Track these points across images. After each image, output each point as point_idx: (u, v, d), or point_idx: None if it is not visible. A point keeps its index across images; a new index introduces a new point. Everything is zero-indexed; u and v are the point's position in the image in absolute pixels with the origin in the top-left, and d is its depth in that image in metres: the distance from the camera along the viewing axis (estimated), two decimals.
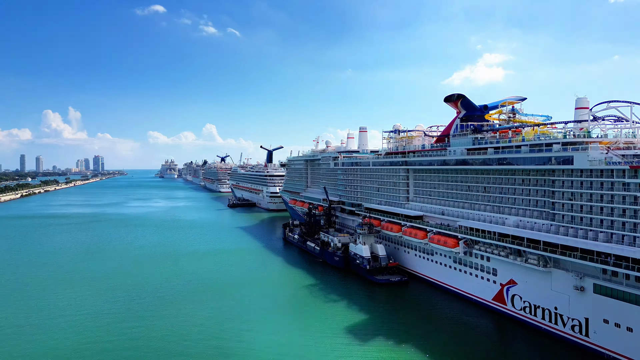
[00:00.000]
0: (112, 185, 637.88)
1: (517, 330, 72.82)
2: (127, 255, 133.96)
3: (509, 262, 74.82)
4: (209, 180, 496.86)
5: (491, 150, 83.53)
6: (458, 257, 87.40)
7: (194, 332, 71.15)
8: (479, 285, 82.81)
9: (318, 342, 67.38)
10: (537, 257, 68.95)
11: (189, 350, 64.42)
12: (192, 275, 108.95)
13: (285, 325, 75.11)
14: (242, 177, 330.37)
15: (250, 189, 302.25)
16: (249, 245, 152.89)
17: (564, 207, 68.61)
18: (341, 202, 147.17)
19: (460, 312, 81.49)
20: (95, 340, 68.31)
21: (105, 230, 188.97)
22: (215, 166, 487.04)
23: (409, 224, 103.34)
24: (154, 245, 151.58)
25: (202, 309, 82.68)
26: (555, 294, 66.85)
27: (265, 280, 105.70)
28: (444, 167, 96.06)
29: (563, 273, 65.37)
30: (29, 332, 72.11)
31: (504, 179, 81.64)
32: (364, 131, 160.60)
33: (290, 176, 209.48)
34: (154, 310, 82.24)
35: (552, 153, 69.72)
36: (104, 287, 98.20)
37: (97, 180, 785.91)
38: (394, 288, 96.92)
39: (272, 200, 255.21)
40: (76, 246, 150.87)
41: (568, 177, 67.73)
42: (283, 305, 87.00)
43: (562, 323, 66.09)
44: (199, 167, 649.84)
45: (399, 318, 79.21)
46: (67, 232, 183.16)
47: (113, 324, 75.01)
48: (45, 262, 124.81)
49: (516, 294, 74.36)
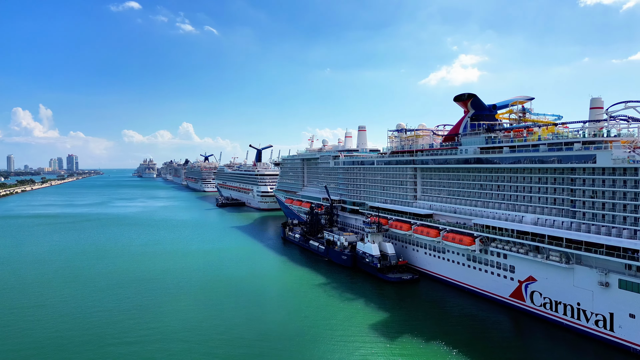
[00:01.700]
0: (90, 184, 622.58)
1: (537, 325, 73.79)
2: (139, 253, 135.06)
3: (528, 259, 75.87)
4: (192, 179, 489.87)
5: (506, 149, 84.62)
6: (472, 255, 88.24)
7: (214, 332, 69.98)
8: (495, 282, 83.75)
9: (344, 341, 67.03)
10: (560, 254, 70.12)
11: (214, 351, 63.29)
12: (203, 271, 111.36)
13: (310, 328, 74.46)
14: (230, 177, 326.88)
15: (239, 189, 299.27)
16: (249, 244, 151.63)
17: (585, 205, 70.02)
18: (342, 201, 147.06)
19: (477, 308, 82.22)
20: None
21: (101, 229, 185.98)
22: (198, 165, 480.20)
23: (419, 222, 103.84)
24: (156, 243, 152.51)
25: (221, 307, 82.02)
26: (578, 290, 68.08)
27: (276, 279, 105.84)
28: (456, 165, 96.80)
29: (587, 269, 66.63)
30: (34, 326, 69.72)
31: (519, 177, 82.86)
32: (363, 130, 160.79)
33: (285, 175, 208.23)
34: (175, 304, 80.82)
35: (573, 152, 71.01)
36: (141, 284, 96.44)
37: (74, 180, 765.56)
38: (406, 286, 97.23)
39: (263, 200, 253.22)
40: (77, 246, 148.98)
41: (590, 176, 69.07)
42: (302, 307, 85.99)
43: (585, 318, 67.38)
44: (180, 166, 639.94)
45: (417, 315, 79.38)
46: (62, 232, 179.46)
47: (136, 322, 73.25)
48: (48, 260, 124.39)
49: (536, 290, 75.44)
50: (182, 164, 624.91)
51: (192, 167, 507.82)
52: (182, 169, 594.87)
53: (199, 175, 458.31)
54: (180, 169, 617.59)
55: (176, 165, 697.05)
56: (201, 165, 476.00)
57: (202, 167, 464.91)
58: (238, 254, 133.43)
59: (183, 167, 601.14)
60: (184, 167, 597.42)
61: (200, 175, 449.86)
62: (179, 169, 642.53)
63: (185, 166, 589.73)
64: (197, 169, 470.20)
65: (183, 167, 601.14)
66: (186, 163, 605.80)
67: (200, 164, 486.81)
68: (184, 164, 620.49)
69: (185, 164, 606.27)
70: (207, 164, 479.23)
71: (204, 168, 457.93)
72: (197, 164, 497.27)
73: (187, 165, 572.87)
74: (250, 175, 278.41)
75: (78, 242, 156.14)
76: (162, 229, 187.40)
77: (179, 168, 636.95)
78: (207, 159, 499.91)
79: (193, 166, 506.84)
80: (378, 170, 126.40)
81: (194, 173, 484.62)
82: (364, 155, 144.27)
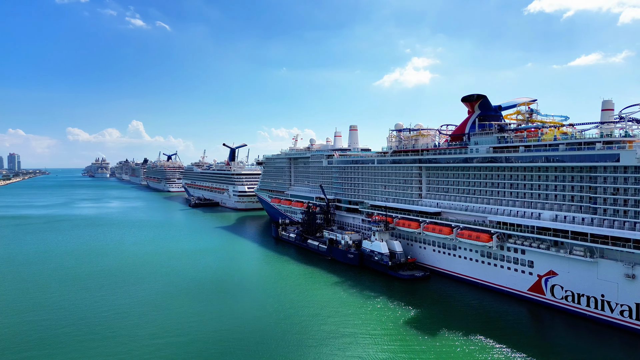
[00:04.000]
0: (40, 185, 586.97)
1: (558, 316, 77.15)
2: (134, 255, 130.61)
3: (548, 254, 79.15)
4: (154, 179, 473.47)
5: (522, 148, 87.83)
6: (487, 251, 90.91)
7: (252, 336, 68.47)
8: (512, 277, 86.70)
9: (382, 340, 67.37)
10: (584, 248, 73.66)
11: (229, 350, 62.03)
12: (213, 270, 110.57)
13: (344, 327, 74.10)
14: (201, 176, 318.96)
15: (211, 188, 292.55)
16: (241, 244, 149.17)
17: (607, 202, 73.95)
18: (336, 200, 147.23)
19: (497, 302, 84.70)
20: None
21: (84, 230, 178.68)
22: (161, 165, 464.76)
23: (428, 220, 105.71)
24: (145, 242, 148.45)
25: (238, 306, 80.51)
26: (602, 282, 71.75)
27: (286, 280, 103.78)
28: (467, 164, 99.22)
29: (612, 263, 70.38)
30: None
31: (534, 175, 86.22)
32: (354, 130, 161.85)
33: (268, 175, 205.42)
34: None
35: (595, 151, 74.79)
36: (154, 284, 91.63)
37: (21, 180, 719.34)
38: (418, 283, 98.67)
39: (240, 200, 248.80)
40: (68, 245, 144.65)
41: (612, 174, 72.98)
42: (322, 307, 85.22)
43: (609, 309, 71.11)
44: (138, 165, 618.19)
45: (439, 312, 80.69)
46: (40, 233, 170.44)
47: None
48: (40, 261, 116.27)
49: (556, 283, 78.76)
50: (141, 164, 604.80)
51: (154, 166, 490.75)
52: (142, 168, 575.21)
53: (162, 174, 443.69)
54: (139, 168, 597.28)
55: (134, 164, 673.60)
56: (164, 164, 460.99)
57: (166, 166, 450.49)
58: (236, 254, 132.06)
59: (142, 166, 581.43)
60: (143, 166, 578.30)
61: (164, 175, 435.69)
62: (137, 169, 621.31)
63: (144, 165, 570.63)
64: (160, 169, 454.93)
65: (142, 166, 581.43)
66: (145, 162, 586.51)
67: (163, 163, 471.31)
68: (143, 163, 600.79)
69: (145, 163, 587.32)
70: (170, 163, 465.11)
71: (167, 167, 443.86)
72: (159, 163, 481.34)
73: (147, 164, 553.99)
74: (225, 174, 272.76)
75: (67, 242, 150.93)
76: (146, 229, 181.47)
77: (137, 167, 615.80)
78: (170, 158, 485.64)
79: (155, 165, 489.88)
80: (380, 169, 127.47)
81: (156, 173, 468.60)
82: (363, 155, 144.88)
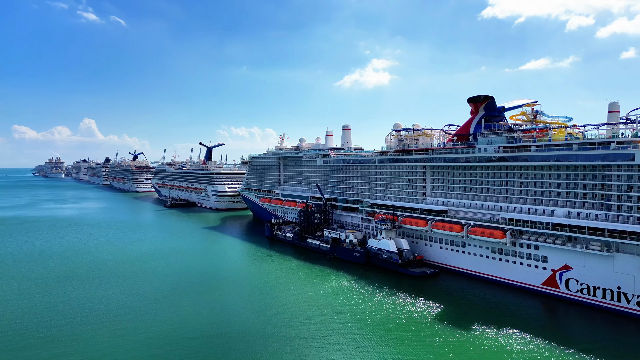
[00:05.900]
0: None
1: (572, 308, 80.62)
2: (135, 255, 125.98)
3: (563, 249, 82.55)
4: (119, 179, 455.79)
5: (533, 147, 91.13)
6: (500, 248, 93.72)
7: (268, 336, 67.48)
8: (525, 272, 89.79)
9: (417, 338, 68.23)
10: (601, 243, 77.37)
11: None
12: (211, 270, 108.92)
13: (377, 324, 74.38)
14: (174, 176, 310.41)
15: (187, 188, 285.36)
16: (234, 244, 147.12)
17: (621, 199, 77.97)
18: (332, 199, 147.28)
19: (510, 296, 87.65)
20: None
21: (61, 231, 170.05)
22: (127, 164, 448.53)
23: (436, 217, 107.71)
24: (139, 243, 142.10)
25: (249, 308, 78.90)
26: (619, 275, 75.56)
27: (293, 281, 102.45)
28: (477, 163, 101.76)
29: (629, 256, 74.25)
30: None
31: (545, 174, 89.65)
32: (347, 129, 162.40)
33: (255, 174, 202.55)
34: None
35: (610, 150, 78.70)
36: None
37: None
38: (428, 280, 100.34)
39: (220, 200, 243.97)
40: (55, 246, 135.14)
41: (627, 172, 77.01)
42: (343, 305, 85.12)
43: (626, 300, 75.00)
44: (99, 165, 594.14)
45: (456, 306, 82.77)
46: (19, 234, 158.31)
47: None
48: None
49: (571, 277, 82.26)
50: (102, 163, 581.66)
51: (119, 166, 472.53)
52: (104, 168, 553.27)
53: (128, 174, 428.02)
54: (100, 168, 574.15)
55: (93, 164, 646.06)
56: (131, 164, 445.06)
57: (132, 165, 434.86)
58: (234, 254, 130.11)
59: (104, 166, 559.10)
60: (105, 166, 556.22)
61: (131, 175, 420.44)
62: (97, 168, 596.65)
63: (107, 165, 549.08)
64: (127, 168, 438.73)
65: (104, 166, 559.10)
66: (107, 162, 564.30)
67: (129, 162, 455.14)
68: (104, 162, 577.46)
69: (107, 162, 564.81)
70: (137, 162, 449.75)
71: (134, 167, 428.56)
72: (124, 163, 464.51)
73: (111, 164, 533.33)
74: (202, 174, 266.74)
75: (58, 243, 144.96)
76: (129, 230, 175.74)
77: (98, 167, 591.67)
78: (137, 157, 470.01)
79: (119, 165, 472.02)
80: (381, 168, 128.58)
81: (121, 172, 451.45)
82: (362, 154, 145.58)
